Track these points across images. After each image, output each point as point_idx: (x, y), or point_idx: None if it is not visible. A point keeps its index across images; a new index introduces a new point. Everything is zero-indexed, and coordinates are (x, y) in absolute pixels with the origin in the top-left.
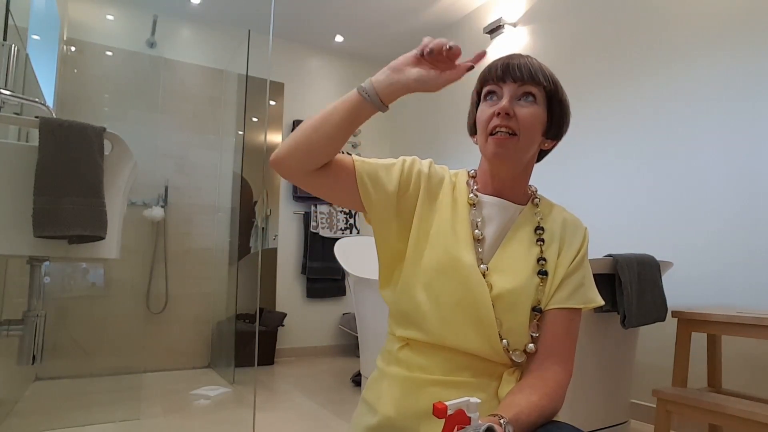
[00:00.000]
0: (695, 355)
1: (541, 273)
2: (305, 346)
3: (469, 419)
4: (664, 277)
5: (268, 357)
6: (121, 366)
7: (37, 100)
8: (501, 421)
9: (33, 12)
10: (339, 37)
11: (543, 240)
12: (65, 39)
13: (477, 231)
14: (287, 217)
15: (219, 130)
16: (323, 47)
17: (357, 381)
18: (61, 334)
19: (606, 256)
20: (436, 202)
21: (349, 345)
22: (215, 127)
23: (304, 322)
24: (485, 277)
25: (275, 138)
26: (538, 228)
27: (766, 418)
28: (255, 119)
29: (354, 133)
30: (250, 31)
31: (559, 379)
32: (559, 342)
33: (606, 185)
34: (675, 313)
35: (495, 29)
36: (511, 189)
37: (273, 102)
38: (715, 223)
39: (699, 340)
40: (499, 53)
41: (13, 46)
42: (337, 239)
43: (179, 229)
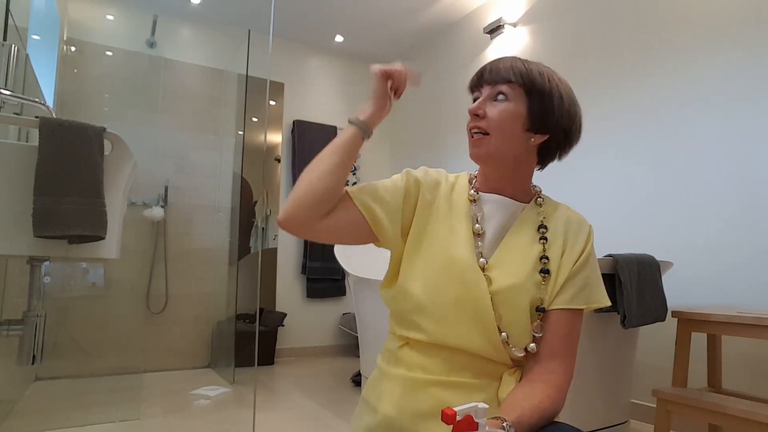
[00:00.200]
0: (695, 355)
1: (543, 271)
2: (305, 346)
3: (477, 425)
4: (664, 277)
5: (268, 357)
6: (121, 366)
7: (37, 100)
8: (504, 425)
9: (33, 12)
10: (339, 37)
11: (546, 238)
12: (65, 39)
13: (477, 225)
14: None
15: (219, 130)
16: (323, 47)
17: (357, 381)
18: (61, 334)
19: (606, 256)
20: (432, 206)
21: (349, 345)
22: (215, 127)
23: (304, 322)
24: (484, 272)
25: (275, 138)
26: (541, 226)
27: (766, 418)
28: (255, 119)
29: None
30: (250, 31)
31: (561, 380)
32: (561, 343)
33: (606, 185)
34: (675, 313)
35: (495, 29)
36: (511, 188)
37: (273, 102)
38: (715, 223)
39: (699, 340)
40: (499, 53)
41: (13, 46)
42: None
43: (179, 229)
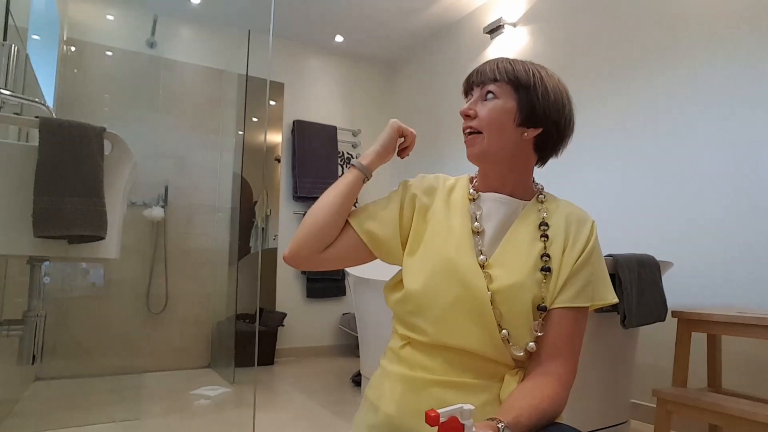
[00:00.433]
0: (695, 355)
1: (544, 269)
2: (305, 346)
3: (463, 426)
4: (664, 277)
5: (268, 357)
6: (121, 366)
7: (37, 100)
8: (499, 426)
9: (33, 12)
10: (339, 37)
11: (547, 236)
12: (65, 39)
13: (476, 224)
14: (287, 217)
15: (219, 130)
16: (323, 47)
17: (357, 381)
18: (61, 334)
19: (606, 256)
20: (429, 210)
21: (349, 345)
22: (215, 127)
23: (304, 322)
24: (485, 269)
25: (275, 138)
26: (542, 224)
27: (766, 418)
28: (255, 119)
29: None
30: (250, 31)
31: (563, 381)
32: (564, 342)
33: (606, 185)
34: (675, 313)
35: (495, 29)
36: (511, 185)
37: (273, 102)
38: (715, 223)
39: (699, 340)
40: (499, 53)
41: (13, 46)
42: None
43: (179, 229)
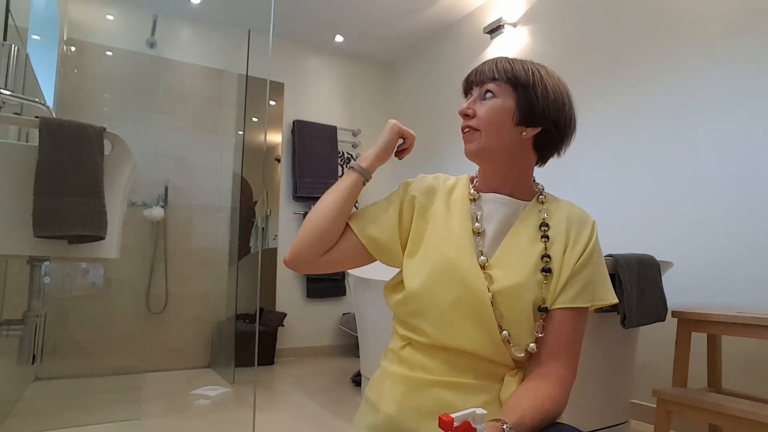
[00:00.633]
0: (695, 355)
1: (545, 270)
2: (305, 346)
3: (475, 431)
4: (664, 277)
5: (268, 357)
6: (121, 366)
7: (37, 100)
8: (504, 427)
9: (33, 12)
10: (339, 37)
11: (547, 237)
12: (65, 39)
13: (477, 224)
14: (287, 217)
15: (219, 130)
16: (323, 47)
17: (357, 381)
18: (61, 334)
19: (606, 256)
20: (428, 211)
21: (349, 345)
22: (215, 127)
23: (304, 322)
24: (485, 270)
25: (275, 138)
26: (542, 224)
27: (766, 418)
28: (255, 119)
29: (354, 133)
30: (250, 31)
31: (563, 381)
32: (564, 343)
33: (606, 185)
34: (675, 313)
35: (495, 29)
36: (510, 185)
37: (273, 102)
38: (715, 223)
39: (699, 340)
40: (499, 53)
41: (13, 46)
42: None
43: (179, 229)
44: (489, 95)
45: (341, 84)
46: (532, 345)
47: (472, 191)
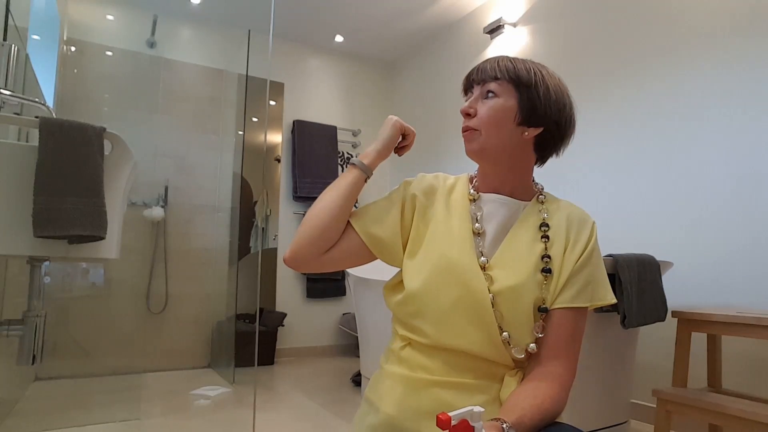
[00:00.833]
0: (695, 355)
1: (545, 271)
2: (305, 346)
3: (473, 429)
4: (664, 277)
5: (268, 357)
6: (121, 366)
7: (37, 100)
8: (504, 426)
9: (33, 12)
10: (339, 37)
11: (547, 237)
12: (65, 39)
13: (477, 225)
14: (287, 217)
15: (219, 130)
16: (323, 47)
17: (357, 381)
18: (61, 334)
19: (606, 256)
20: (428, 210)
21: (349, 345)
22: (215, 127)
23: (304, 322)
24: (485, 271)
25: (275, 138)
26: (542, 224)
27: (766, 418)
28: (255, 119)
29: (354, 133)
30: (250, 31)
31: (563, 381)
32: (564, 342)
33: (606, 185)
34: (675, 313)
35: (495, 29)
36: (510, 185)
37: (273, 102)
38: (715, 223)
39: (699, 340)
40: (499, 53)
41: (13, 46)
42: None
43: (179, 229)
44: (490, 95)
45: (341, 84)
46: (532, 345)
47: (471, 192)
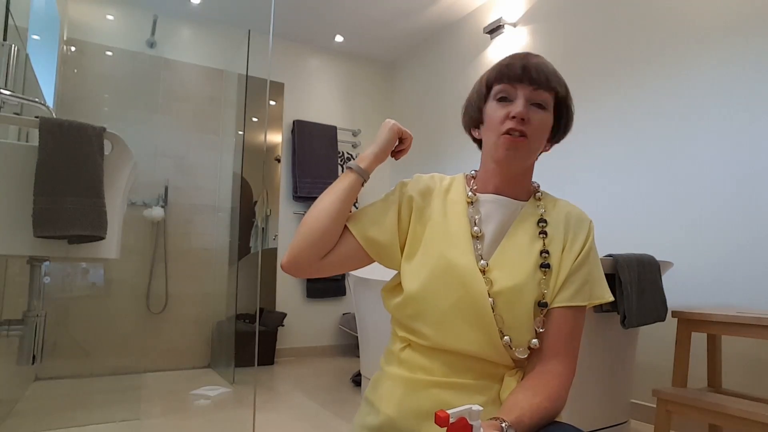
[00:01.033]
0: (695, 355)
1: (544, 266)
2: (305, 346)
3: (471, 427)
4: (664, 277)
5: (268, 357)
6: (121, 366)
7: (37, 100)
8: (503, 425)
9: (33, 12)
10: (339, 37)
11: (546, 233)
12: (65, 39)
13: (475, 228)
14: (287, 217)
15: (219, 130)
16: (323, 47)
17: (357, 381)
18: (61, 334)
19: (606, 256)
20: (425, 212)
21: (349, 345)
22: (215, 127)
23: (304, 322)
24: (485, 274)
25: (275, 138)
26: (540, 221)
27: (766, 418)
28: (255, 119)
29: (354, 133)
30: (250, 31)
31: (562, 380)
32: (563, 342)
33: (606, 185)
34: (675, 313)
35: (495, 29)
36: (513, 187)
37: (273, 102)
38: (715, 224)
39: (699, 340)
40: (499, 53)
41: (13, 46)
42: None
43: (179, 229)
44: (542, 107)
45: (341, 84)
46: (534, 341)
47: (469, 193)
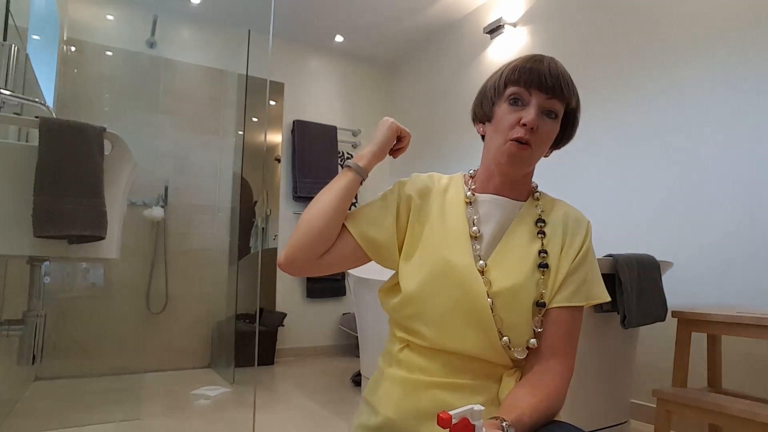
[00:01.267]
0: (695, 355)
1: (542, 266)
2: (305, 346)
3: (473, 427)
4: (664, 277)
5: (268, 357)
6: (121, 366)
7: (37, 100)
8: (503, 425)
9: (33, 12)
10: (339, 37)
11: (544, 233)
12: (65, 39)
13: (474, 228)
14: (287, 217)
15: (219, 130)
16: (323, 47)
17: (357, 381)
18: (61, 334)
19: (606, 256)
20: (422, 212)
21: (349, 345)
22: (215, 127)
23: (304, 322)
24: (484, 275)
25: (275, 138)
26: (539, 221)
27: (766, 418)
28: (255, 119)
29: (354, 133)
30: (250, 31)
31: (561, 379)
32: (561, 341)
33: (606, 185)
34: (675, 313)
35: (495, 29)
36: (513, 188)
37: (273, 102)
38: (715, 224)
39: (699, 340)
40: (499, 53)
41: (13, 46)
42: None
43: (179, 229)
44: (553, 116)
45: (341, 84)
46: (532, 341)
47: (468, 193)
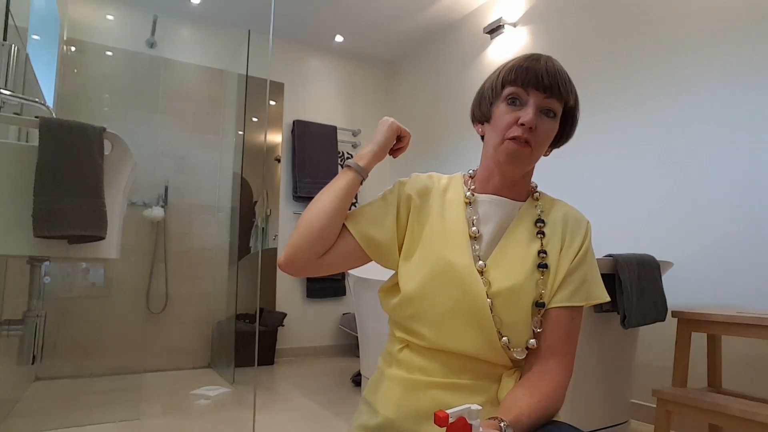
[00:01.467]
0: (695, 355)
1: (541, 266)
2: (305, 346)
3: (470, 426)
4: (664, 277)
5: (268, 357)
6: (121, 366)
7: (37, 100)
8: (501, 425)
9: (33, 12)
10: (339, 37)
11: (543, 233)
12: (65, 39)
13: (473, 228)
14: (287, 217)
15: (219, 130)
16: (323, 47)
17: (357, 381)
18: (61, 334)
19: (606, 256)
20: (422, 212)
21: (349, 345)
22: (215, 127)
23: (304, 322)
24: (483, 275)
25: (275, 138)
26: (538, 221)
27: (766, 418)
28: (255, 119)
29: (354, 133)
30: (250, 31)
31: (560, 379)
32: (560, 341)
33: (606, 185)
34: (675, 313)
35: (495, 29)
36: (512, 188)
37: (273, 102)
38: (716, 224)
39: (699, 340)
40: (499, 53)
41: (13, 46)
42: None
43: (179, 229)
44: (551, 115)
45: (341, 84)
46: (531, 341)
47: (468, 194)
